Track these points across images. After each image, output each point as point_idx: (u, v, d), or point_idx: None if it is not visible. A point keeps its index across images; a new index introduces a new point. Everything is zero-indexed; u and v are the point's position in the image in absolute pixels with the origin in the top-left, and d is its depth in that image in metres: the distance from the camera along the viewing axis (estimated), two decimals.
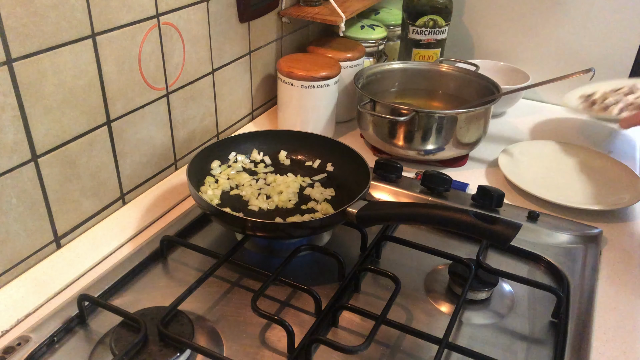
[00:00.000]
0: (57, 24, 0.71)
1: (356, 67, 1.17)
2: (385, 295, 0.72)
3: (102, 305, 0.70)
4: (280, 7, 1.19)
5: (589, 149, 1.11)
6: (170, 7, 0.89)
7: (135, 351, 0.63)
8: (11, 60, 0.66)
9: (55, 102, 0.74)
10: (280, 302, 0.74)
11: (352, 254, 0.83)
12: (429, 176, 0.95)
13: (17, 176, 0.71)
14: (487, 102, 1.05)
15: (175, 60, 0.93)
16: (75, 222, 0.83)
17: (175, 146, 0.99)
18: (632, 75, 1.28)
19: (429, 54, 1.33)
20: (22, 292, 0.73)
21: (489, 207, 0.92)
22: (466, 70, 1.19)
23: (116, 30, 0.80)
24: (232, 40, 1.07)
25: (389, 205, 0.83)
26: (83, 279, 0.76)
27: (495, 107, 1.07)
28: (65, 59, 0.73)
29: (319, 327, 0.68)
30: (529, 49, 1.36)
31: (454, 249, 0.82)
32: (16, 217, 0.72)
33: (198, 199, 0.78)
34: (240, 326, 0.70)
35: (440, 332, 0.66)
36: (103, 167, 0.85)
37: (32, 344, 0.65)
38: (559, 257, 0.83)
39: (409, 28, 1.31)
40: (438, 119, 1.00)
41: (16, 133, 0.69)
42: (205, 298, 0.74)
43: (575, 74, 0.99)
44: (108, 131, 0.84)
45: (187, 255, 0.81)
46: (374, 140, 1.09)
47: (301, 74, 1.05)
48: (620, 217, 0.94)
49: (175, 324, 0.67)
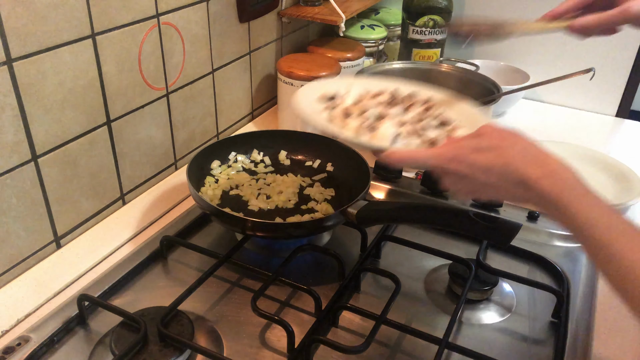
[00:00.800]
0: (57, 24, 0.71)
1: (356, 67, 1.17)
2: (385, 295, 0.72)
3: (102, 305, 0.70)
4: (280, 7, 1.19)
5: (589, 148, 1.11)
6: (170, 7, 0.89)
7: (135, 351, 0.63)
8: (11, 60, 0.66)
9: (55, 102, 0.74)
10: (280, 302, 0.74)
11: (352, 254, 0.83)
12: (429, 176, 0.95)
13: (17, 176, 0.71)
14: (487, 102, 1.05)
15: (175, 60, 0.93)
16: (75, 222, 0.82)
17: (175, 146, 0.99)
18: (631, 75, 1.28)
19: (429, 54, 1.33)
20: (22, 292, 0.73)
21: (489, 207, 0.92)
22: (466, 70, 1.19)
23: (116, 30, 0.80)
24: (232, 40, 1.07)
25: (389, 205, 0.83)
26: (83, 279, 0.76)
27: (495, 107, 1.07)
28: (65, 59, 0.73)
29: (319, 327, 0.68)
30: (529, 49, 1.36)
31: (454, 249, 0.82)
32: (16, 217, 0.72)
33: (198, 199, 0.78)
34: (240, 326, 0.70)
35: (440, 332, 0.66)
36: (103, 167, 0.85)
37: (32, 344, 0.65)
38: (559, 257, 0.83)
39: (409, 28, 1.31)
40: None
41: (16, 133, 0.69)
42: (205, 298, 0.74)
43: (575, 74, 0.99)
44: (108, 131, 0.84)
45: (187, 255, 0.81)
46: None
47: (301, 74, 1.05)
48: None
49: (175, 324, 0.67)
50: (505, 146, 0.54)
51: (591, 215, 0.50)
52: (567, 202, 0.51)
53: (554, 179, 0.52)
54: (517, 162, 0.53)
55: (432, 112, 0.72)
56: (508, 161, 0.54)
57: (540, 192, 0.52)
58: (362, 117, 0.69)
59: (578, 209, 0.50)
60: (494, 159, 0.54)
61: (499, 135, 0.56)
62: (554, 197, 0.51)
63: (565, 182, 0.52)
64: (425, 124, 0.69)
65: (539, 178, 0.52)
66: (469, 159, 0.55)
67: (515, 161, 0.53)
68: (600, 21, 0.65)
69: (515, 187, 0.53)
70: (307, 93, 0.73)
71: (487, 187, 0.55)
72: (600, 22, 0.65)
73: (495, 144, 0.55)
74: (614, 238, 0.49)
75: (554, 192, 0.51)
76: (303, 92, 0.73)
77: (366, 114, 0.69)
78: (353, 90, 0.76)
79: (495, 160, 0.54)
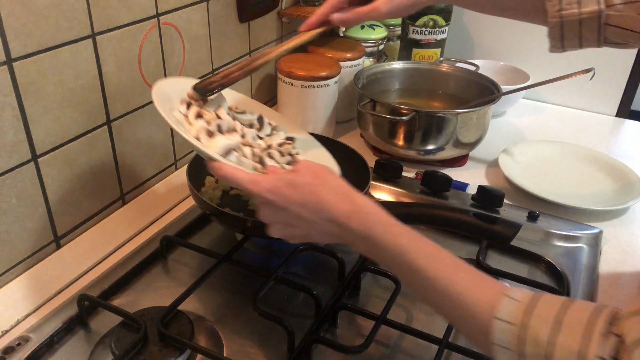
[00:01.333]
0: (57, 24, 0.71)
1: (356, 67, 1.17)
2: (385, 295, 0.72)
3: (102, 305, 0.70)
4: (280, 7, 1.19)
5: (589, 149, 1.11)
6: (170, 7, 0.89)
7: (135, 351, 0.63)
8: (11, 60, 0.66)
9: (55, 102, 0.74)
10: (280, 302, 0.74)
11: (352, 254, 0.83)
12: (429, 176, 0.95)
13: (17, 176, 0.71)
14: (487, 102, 1.05)
15: (175, 60, 0.93)
16: (75, 222, 0.82)
17: (175, 146, 0.99)
18: (631, 75, 1.28)
19: (429, 54, 1.33)
20: (22, 292, 0.73)
21: (489, 207, 0.92)
22: (466, 70, 1.19)
23: (116, 30, 0.80)
24: (232, 40, 1.07)
25: (389, 205, 0.83)
26: (83, 279, 0.76)
27: (495, 107, 1.07)
28: (65, 59, 0.73)
29: (319, 327, 0.68)
30: (529, 49, 1.36)
31: (454, 249, 0.81)
32: (16, 217, 0.72)
33: (198, 199, 0.78)
34: (240, 326, 0.70)
35: (440, 332, 0.66)
36: (103, 167, 0.85)
37: (32, 344, 0.65)
38: (559, 257, 0.83)
39: (409, 28, 1.31)
40: (438, 119, 1.00)
41: (16, 133, 0.69)
42: (205, 298, 0.74)
43: (575, 74, 0.99)
44: (108, 131, 0.84)
45: (187, 255, 0.81)
46: (374, 140, 1.09)
47: (301, 74, 1.05)
48: (620, 217, 0.94)
49: (175, 324, 0.67)
50: (317, 184, 0.57)
51: (402, 242, 0.53)
52: (378, 234, 0.54)
53: (362, 214, 0.55)
54: (329, 200, 0.56)
55: (286, 149, 0.73)
56: (320, 199, 0.56)
57: (350, 228, 0.55)
58: (212, 124, 0.67)
59: (390, 238, 0.53)
60: (307, 195, 0.56)
61: (312, 173, 0.58)
62: (366, 231, 0.54)
63: (374, 217, 0.55)
64: (271, 152, 0.70)
65: (349, 214, 0.55)
66: (283, 192, 0.57)
67: (327, 199, 0.56)
68: (356, 16, 0.76)
69: (328, 223, 0.56)
70: (174, 86, 0.72)
71: (302, 221, 0.57)
72: (355, 17, 0.76)
73: (309, 181, 0.57)
74: (426, 263, 0.51)
75: (365, 227, 0.54)
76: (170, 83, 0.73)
77: (218, 122, 0.68)
78: (230, 98, 0.78)
79: (308, 197, 0.56)
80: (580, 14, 0.68)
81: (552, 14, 0.70)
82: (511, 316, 0.46)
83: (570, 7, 0.69)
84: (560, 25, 0.71)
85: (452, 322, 0.53)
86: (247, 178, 0.59)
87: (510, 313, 0.46)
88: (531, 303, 0.46)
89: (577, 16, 0.69)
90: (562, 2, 0.69)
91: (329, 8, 0.77)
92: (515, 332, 0.45)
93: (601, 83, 1.29)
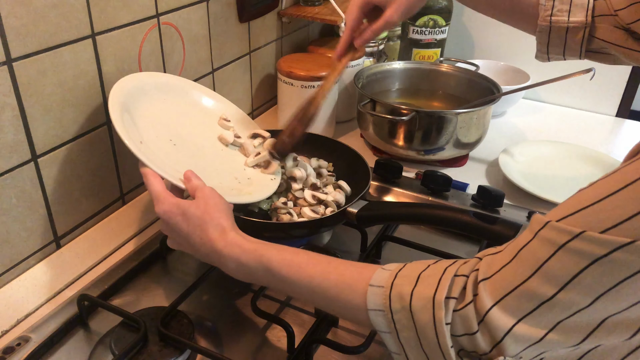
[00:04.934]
0: (57, 24, 0.71)
1: (356, 67, 1.17)
2: None
3: (102, 305, 0.70)
4: (280, 7, 1.19)
5: (589, 149, 1.11)
6: (170, 7, 0.89)
7: (135, 351, 0.63)
8: (11, 60, 0.66)
9: (55, 102, 0.73)
10: (280, 302, 0.74)
11: (352, 254, 0.83)
12: (429, 176, 0.95)
13: (17, 176, 0.71)
14: (487, 102, 1.05)
15: (175, 60, 0.93)
16: (75, 222, 0.82)
17: None
18: (631, 75, 1.28)
19: (429, 54, 1.33)
20: (22, 292, 0.73)
21: (489, 207, 0.92)
22: (466, 70, 1.19)
23: (116, 30, 0.80)
24: (232, 40, 1.07)
25: (389, 205, 0.83)
26: (83, 279, 0.76)
27: (495, 107, 1.07)
28: (65, 58, 0.73)
29: (319, 327, 0.68)
30: (529, 49, 1.35)
31: (454, 249, 0.82)
32: (16, 217, 0.72)
33: None
34: (240, 326, 0.70)
35: None
36: (103, 167, 0.85)
37: (32, 344, 0.65)
38: None
39: (409, 28, 1.31)
40: (438, 119, 1.00)
41: (16, 133, 0.69)
42: (206, 298, 0.74)
43: (576, 74, 0.99)
44: (108, 131, 0.84)
45: (187, 256, 0.81)
46: (374, 140, 1.09)
47: (301, 74, 1.05)
48: None
49: (175, 324, 0.67)
50: (206, 220, 0.61)
51: (272, 264, 0.57)
52: (261, 252, 0.58)
53: (235, 247, 0.59)
54: (211, 237, 0.61)
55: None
56: (203, 234, 0.61)
57: (225, 258, 0.60)
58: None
59: (272, 253, 0.57)
60: (193, 227, 0.62)
61: (204, 206, 0.62)
62: (239, 260, 0.59)
63: (253, 244, 0.60)
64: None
65: (223, 247, 0.60)
66: (175, 219, 0.62)
67: (209, 235, 0.61)
68: (374, 33, 0.82)
69: (210, 253, 0.61)
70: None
71: (189, 246, 0.63)
72: (374, 34, 0.82)
73: (199, 215, 0.61)
74: (307, 267, 0.56)
75: (237, 257, 0.59)
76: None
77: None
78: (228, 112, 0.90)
79: (193, 229, 0.62)
80: (568, 22, 0.74)
81: (542, 17, 0.76)
82: (382, 281, 0.50)
83: (560, 15, 0.75)
84: (549, 30, 0.76)
85: (334, 304, 0.54)
86: (156, 192, 0.64)
87: (382, 279, 0.50)
88: (400, 267, 0.51)
89: (565, 24, 0.75)
90: (554, 8, 0.75)
91: (350, 31, 0.84)
92: (386, 293, 0.49)
93: (601, 83, 1.29)
